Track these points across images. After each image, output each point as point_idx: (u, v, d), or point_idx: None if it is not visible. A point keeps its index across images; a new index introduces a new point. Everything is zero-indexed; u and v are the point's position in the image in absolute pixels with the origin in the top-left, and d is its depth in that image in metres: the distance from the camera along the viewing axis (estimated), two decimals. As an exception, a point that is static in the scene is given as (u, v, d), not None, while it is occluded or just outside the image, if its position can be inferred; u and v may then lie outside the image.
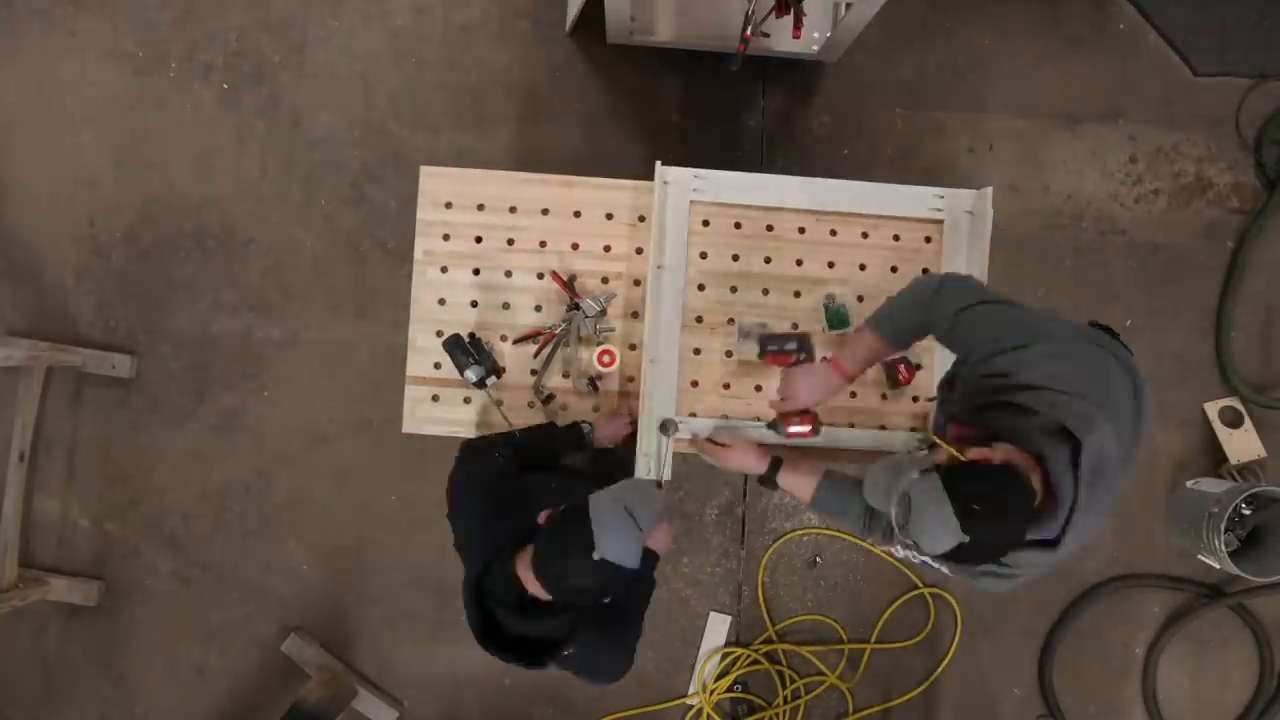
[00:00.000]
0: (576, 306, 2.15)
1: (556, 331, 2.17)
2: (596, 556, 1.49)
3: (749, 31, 2.26)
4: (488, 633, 1.68)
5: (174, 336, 3.07)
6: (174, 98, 3.08)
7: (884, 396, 2.24)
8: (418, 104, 3.06)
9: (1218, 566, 2.83)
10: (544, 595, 1.59)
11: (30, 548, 3.06)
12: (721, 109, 3.06)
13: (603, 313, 2.15)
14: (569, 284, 2.18)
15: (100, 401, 3.07)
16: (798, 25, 2.29)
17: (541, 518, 1.63)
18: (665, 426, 2.13)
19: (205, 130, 3.07)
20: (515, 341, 2.21)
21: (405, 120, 3.06)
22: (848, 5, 2.47)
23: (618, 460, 2.17)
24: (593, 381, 2.19)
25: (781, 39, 2.63)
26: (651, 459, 2.13)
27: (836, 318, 2.21)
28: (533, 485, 1.85)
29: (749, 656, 3.04)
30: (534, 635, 1.66)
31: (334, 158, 3.06)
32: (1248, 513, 2.88)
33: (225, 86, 3.08)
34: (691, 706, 3.07)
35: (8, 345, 2.91)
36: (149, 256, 3.07)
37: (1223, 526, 2.72)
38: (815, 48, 2.78)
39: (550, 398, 2.19)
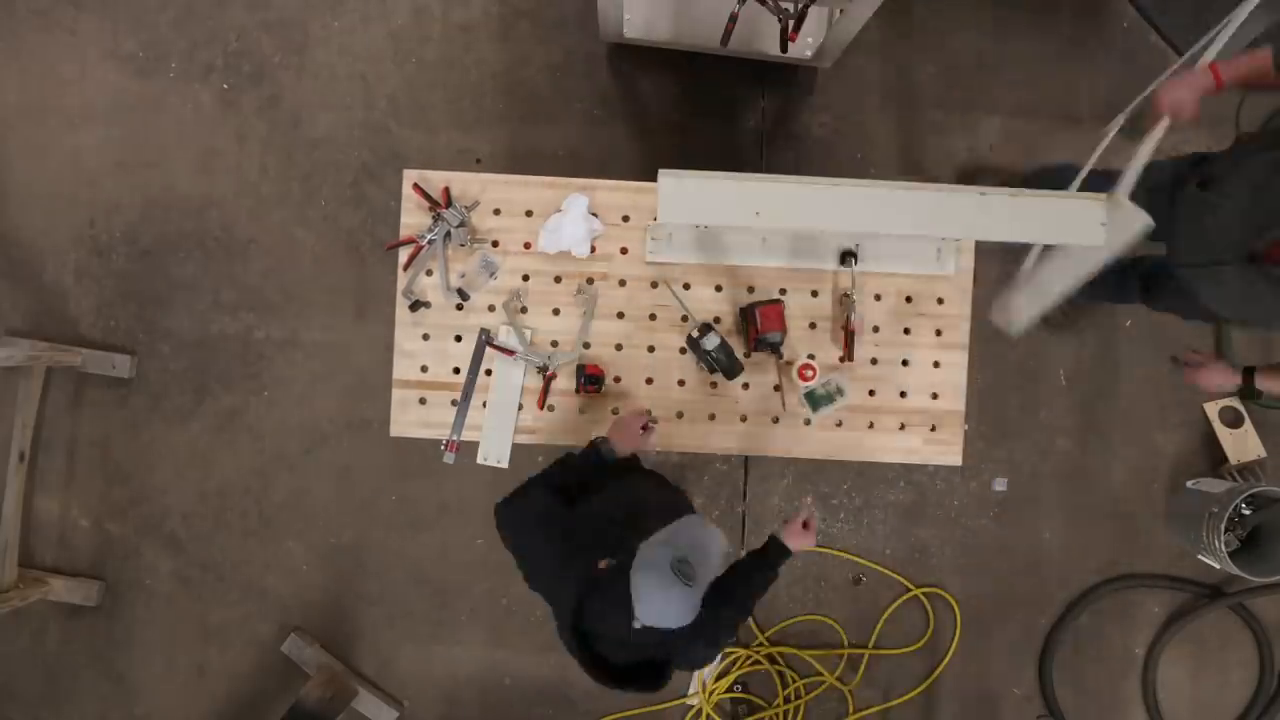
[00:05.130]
0: (439, 217, 2.13)
1: (424, 243, 2.15)
2: (637, 625, 1.45)
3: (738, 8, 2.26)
4: (603, 671, 1.63)
5: (174, 336, 3.07)
6: (174, 98, 3.08)
7: (903, 394, 2.24)
8: (418, 104, 3.06)
9: (1218, 566, 2.83)
10: None
11: (30, 548, 3.07)
12: (721, 109, 3.06)
13: (463, 224, 2.14)
14: (428, 194, 2.15)
15: (100, 401, 3.07)
16: (793, 33, 2.28)
17: (602, 565, 1.57)
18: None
19: (205, 130, 3.07)
20: (387, 248, 2.14)
21: (405, 120, 3.06)
22: (840, 11, 2.47)
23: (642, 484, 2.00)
24: (461, 293, 2.17)
25: (774, 44, 2.62)
26: None
27: (821, 399, 2.21)
28: (588, 515, 1.76)
29: (749, 656, 3.04)
30: (643, 660, 1.62)
31: (334, 158, 3.06)
32: (1248, 513, 2.88)
33: (225, 86, 3.08)
34: (691, 706, 3.07)
35: (8, 345, 2.91)
36: (149, 256, 3.07)
37: (1223, 526, 2.72)
38: (809, 53, 2.77)
39: (418, 304, 2.18)
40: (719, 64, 2.93)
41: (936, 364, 2.26)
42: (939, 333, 2.25)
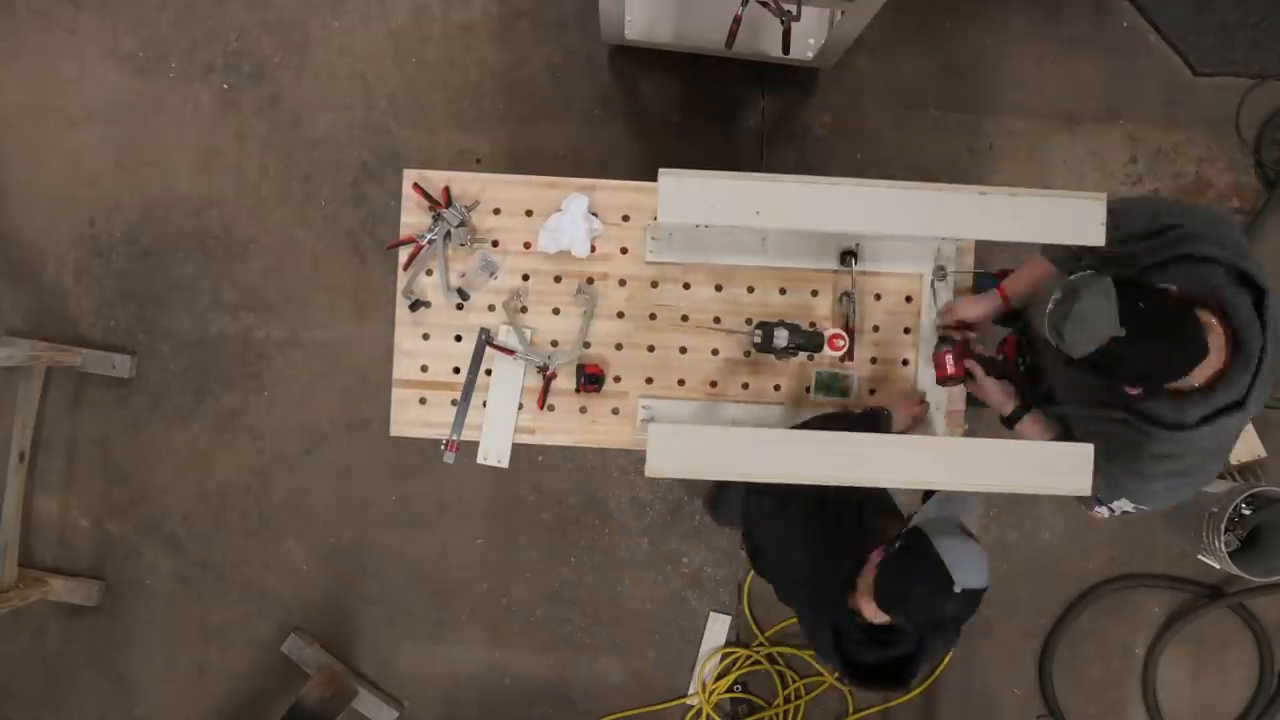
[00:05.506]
0: (439, 216, 2.13)
1: (424, 242, 2.15)
2: (959, 589, 1.48)
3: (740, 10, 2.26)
4: (854, 672, 1.70)
5: (174, 336, 3.07)
6: (174, 98, 3.08)
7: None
8: (418, 104, 3.06)
9: (1218, 566, 2.83)
10: (887, 619, 1.61)
11: (30, 548, 3.06)
12: (721, 109, 3.06)
13: (463, 223, 2.14)
14: (428, 194, 2.15)
15: (100, 401, 3.07)
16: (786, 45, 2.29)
17: (875, 555, 1.63)
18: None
19: (205, 130, 3.07)
20: (387, 248, 2.16)
21: (405, 120, 3.06)
22: (841, 13, 2.47)
23: None
24: (461, 293, 2.18)
25: (775, 45, 2.62)
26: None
27: (828, 384, 2.21)
28: (820, 520, 1.83)
29: (749, 656, 3.04)
30: (893, 658, 1.68)
31: (334, 158, 3.06)
32: (1248, 513, 2.88)
33: (225, 86, 3.08)
34: (691, 706, 3.07)
35: (8, 345, 2.91)
36: (149, 256, 3.07)
37: (1223, 526, 2.72)
38: (810, 54, 2.77)
39: (418, 304, 2.18)
40: (719, 64, 2.93)
41: (937, 364, 2.26)
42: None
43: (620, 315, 2.22)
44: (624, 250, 2.22)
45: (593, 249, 2.19)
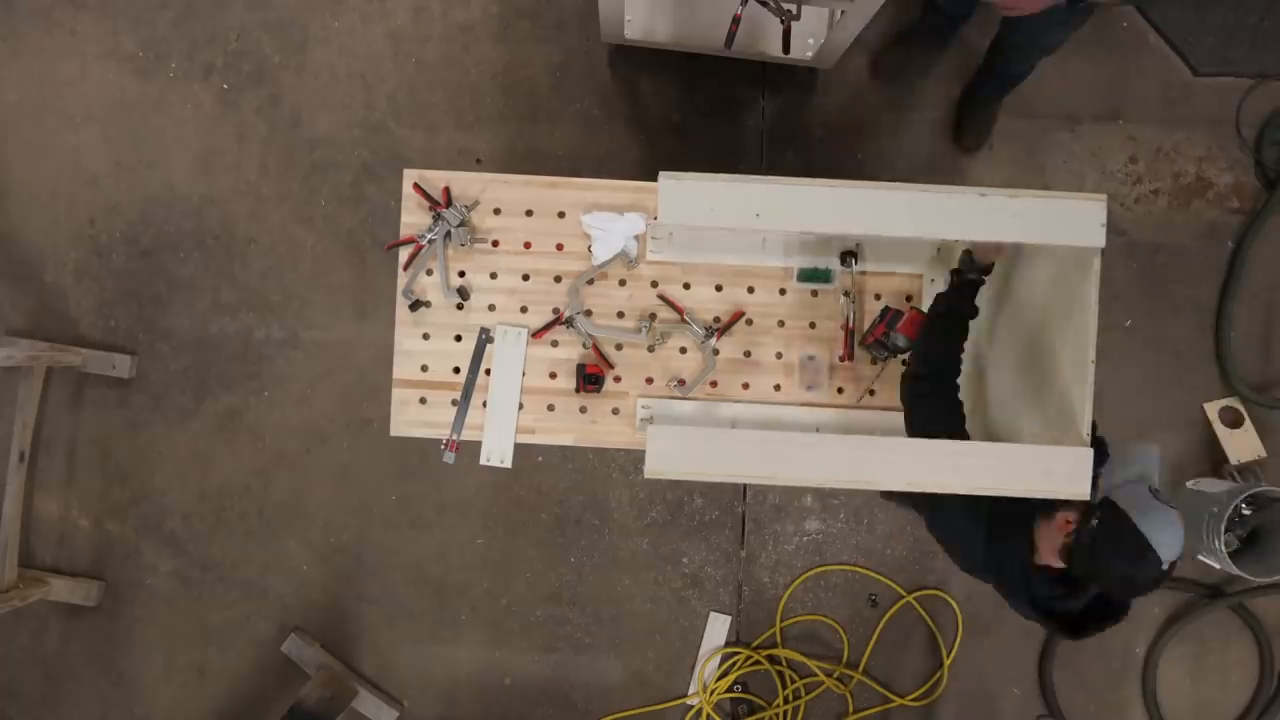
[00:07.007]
0: (439, 216, 2.13)
1: (424, 242, 2.15)
2: (1165, 565, 1.55)
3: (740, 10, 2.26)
4: (1071, 627, 1.74)
5: (174, 336, 3.07)
6: (174, 98, 3.08)
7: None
8: (418, 104, 3.06)
9: (1218, 567, 2.83)
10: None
11: (30, 548, 3.07)
12: (721, 109, 3.06)
13: (463, 223, 2.13)
14: (428, 194, 2.14)
15: (100, 401, 3.07)
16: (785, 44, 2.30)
17: (1061, 524, 1.65)
18: None
19: (205, 130, 3.07)
20: (387, 249, 2.19)
21: (405, 120, 3.06)
22: (841, 13, 2.47)
23: None
24: (461, 292, 2.18)
25: (775, 45, 2.62)
26: None
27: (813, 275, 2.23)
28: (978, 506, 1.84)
29: (749, 656, 3.05)
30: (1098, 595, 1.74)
31: (334, 158, 3.06)
32: (1248, 513, 2.88)
33: (225, 86, 3.08)
34: (691, 706, 3.08)
35: (8, 345, 2.91)
36: (149, 256, 3.07)
37: (1223, 527, 2.72)
38: (810, 54, 2.77)
39: (418, 304, 2.18)
40: (719, 64, 2.93)
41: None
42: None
43: (620, 315, 2.22)
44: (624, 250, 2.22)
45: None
